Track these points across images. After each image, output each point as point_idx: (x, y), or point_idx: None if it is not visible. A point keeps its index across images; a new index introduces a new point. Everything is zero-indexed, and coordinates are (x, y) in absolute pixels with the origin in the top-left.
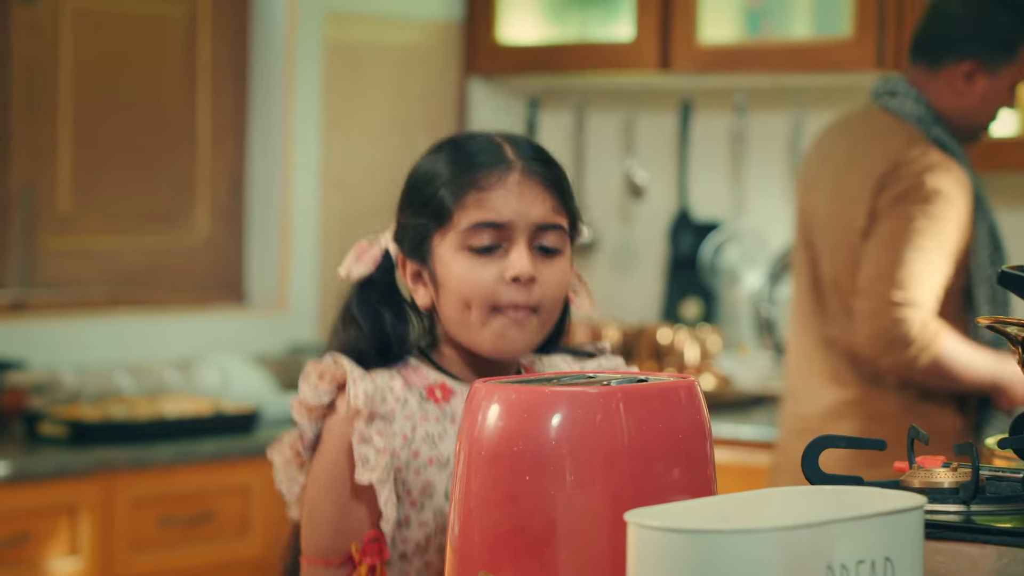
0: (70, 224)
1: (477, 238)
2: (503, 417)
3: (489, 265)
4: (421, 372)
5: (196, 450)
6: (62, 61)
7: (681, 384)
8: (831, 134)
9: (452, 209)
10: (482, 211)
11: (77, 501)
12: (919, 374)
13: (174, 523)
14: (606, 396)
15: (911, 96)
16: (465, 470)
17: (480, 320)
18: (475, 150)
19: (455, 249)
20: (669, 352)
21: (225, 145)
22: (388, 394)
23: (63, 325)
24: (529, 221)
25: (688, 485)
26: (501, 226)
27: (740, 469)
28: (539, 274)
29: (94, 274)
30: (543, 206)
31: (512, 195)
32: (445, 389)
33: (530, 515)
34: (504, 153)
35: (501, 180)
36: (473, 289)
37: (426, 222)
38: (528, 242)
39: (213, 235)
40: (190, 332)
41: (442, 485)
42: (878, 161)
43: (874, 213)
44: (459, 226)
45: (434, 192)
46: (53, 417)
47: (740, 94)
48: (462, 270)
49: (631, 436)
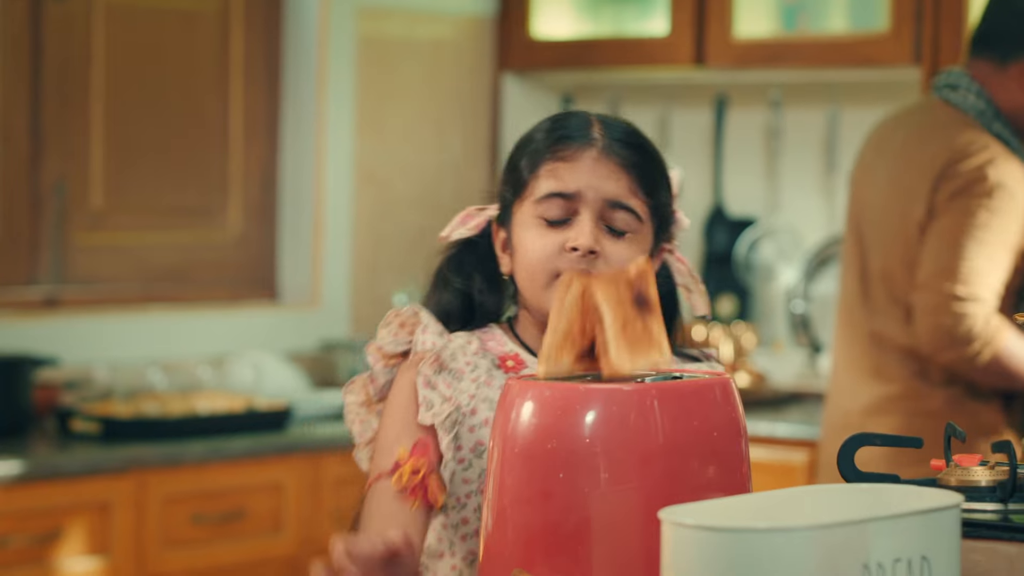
0: (102, 220)
1: (546, 207)
2: (537, 414)
3: (555, 235)
4: (499, 339)
5: (228, 447)
6: (94, 56)
7: (716, 381)
8: (888, 125)
9: (527, 178)
10: (553, 181)
11: (109, 498)
12: (978, 371)
13: (206, 521)
14: (640, 393)
15: (972, 90)
16: (499, 467)
17: (543, 285)
18: (565, 124)
19: (529, 217)
20: None
21: (257, 140)
22: (460, 354)
23: (95, 322)
24: (599, 196)
25: (723, 483)
26: (570, 196)
27: (775, 467)
28: (603, 249)
29: (126, 270)
30: (617, 184)
31: (585, 168)
32: (518, 360)
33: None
34: (590, 130)
35: (578, 153)
36: (537, 256)
37: (510, 189)
38: (596, 217)
39: (245, 231)
40: (222, 328)
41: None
42: (938, 153)
43: (933, 206)
44: (533, 195)
45: (518, 161)
46: (85, 414)
47: (775, 89)
48: (531, 238)
49: (665, 434)
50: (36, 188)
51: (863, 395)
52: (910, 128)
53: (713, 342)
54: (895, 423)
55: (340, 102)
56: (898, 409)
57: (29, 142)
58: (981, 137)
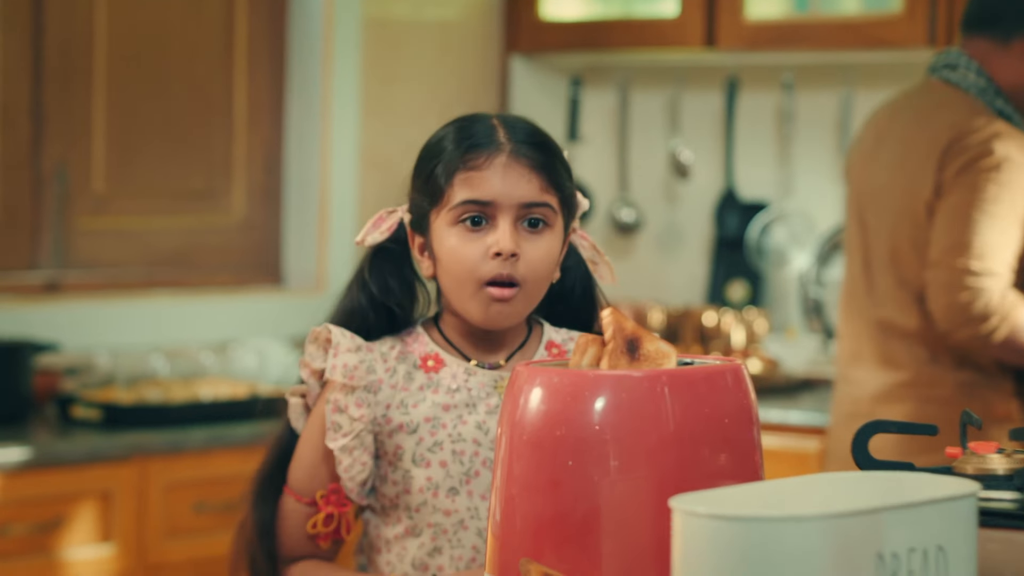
0: (104, 204)
1: (464, 214)
2: (545, 401)
3: (476, 241)
4: (422, 340)
5: (232, 434)
6: (96, 37)
7: (727, 368)
8: (887, 111)
9: (444, 187)
10: (468, 190)
11: (110, 486)
12: (995, 348)
13: (209, 509)
14: (651, 380)
15: (972, 69)
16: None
17: (469, 293)
18: (472, 132)
19: (448, 224)
20: (715, 335)
21: (262, 123)
22: (378, 364)
23: (97, 307)
24: (514, 201)
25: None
26: (486, 204)
27: (788, 455)
28: (522, 250)
29: (128, 255)
30: (529, 186)
31: (497, 176)
32: (437, 360)
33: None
34: (496, 136)
35: (489, 161)
36: (461, 263)
37: (425, 197)
38: (514, 220)
39: (250, 215)
40: (226, 314)
41: (410, 449)
42: (941, 131)
43: (940, 184)
44: (450, 203)
45: (432, 169)
46: (86, 400)
47: (787, 72)
48: (452, 245)
49: (676, 421)
50: (37, 171)
51: (872, 383)
52: (911, 110)
53: (726, 328)
54: (906, 410)
55: (346, 84)
56: (908, 396)
57: (30, 124)
58: (984, 113)
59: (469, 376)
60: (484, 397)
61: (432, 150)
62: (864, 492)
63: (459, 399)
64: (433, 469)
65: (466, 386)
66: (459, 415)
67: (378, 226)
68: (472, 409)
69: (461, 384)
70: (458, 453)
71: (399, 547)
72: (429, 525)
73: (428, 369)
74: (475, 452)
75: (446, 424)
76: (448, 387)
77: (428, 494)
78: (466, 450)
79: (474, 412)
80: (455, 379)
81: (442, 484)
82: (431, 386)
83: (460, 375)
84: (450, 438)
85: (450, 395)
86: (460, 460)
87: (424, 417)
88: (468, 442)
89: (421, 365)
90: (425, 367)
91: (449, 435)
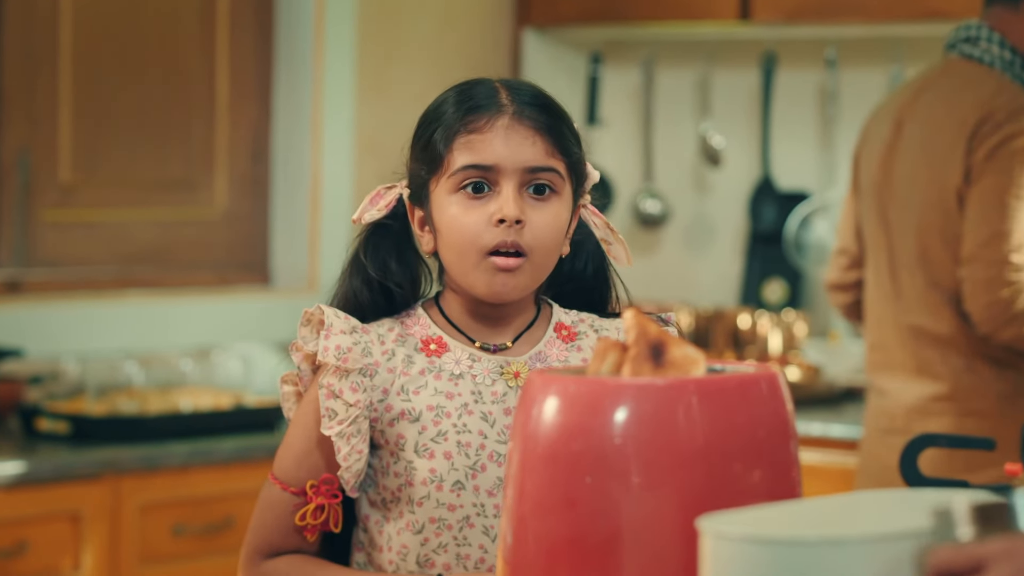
0: (72, 195)
1: (465, 180)
2: (561, 412)
3: (478, 208)
4: (423, 322)
5: (214, 449)
6: (62, 12)
7: (762, 375)
8: (902, 97)
9: (443, 153)
10: (469, 154)
11: (79, 507)
12: None
13: (189, 532)
14: (677, 388)
15: (995, 41)
16: (518, 471)
17: (472, 264)
18: (472, 95)
19: (448, 193)
20: (749, 340)
21: (246, 104)
22: (374, 347)
23: (64, 308)
24: (517, 165)
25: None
26: (487, 168)
27: (829, 471)
28: (528, 217)
29: (98, 251)
30: (533, 149)
31: (499, 139)
32: (440, 343)
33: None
34: (498, 98)
35: (490, 124)
36: (463, 231)
37: (424, 165)
38: (518, 186)
39: (233, 207)
40: (208, 316)
41: (412, 439)
42: (968, 111)
43: (970, 170)
44: (450, 169)
45: (431, 135)
46: (52, 412)
47: (830, 47)
48: (453, 213)
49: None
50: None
51: (906, 395)
52: (932, 93)
53: (762, 331)
54: (944, 425)
55: (339, 62)
56: (946, 410)
57: None
58: (1011, 88)
59: (474, 362)
60: (490, 384)
61: (431, 115)
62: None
63: (463, 387)
64: (437, 460)
65: (470, 372)
66: (464, 404)
67: (375, 202)
68: (478, 398)
69: (465, 370)
70: (463, 445)
71: (400, 544)
72: (432, 520)
73: (430, 353)
74: (481, 444)
75: (450, 413)
76: (451, 372)
77: (432, 487)
78: (472, 442)
79: (480, 401)
80: (459, 364)
81: (447, 477)
82: (433, 371)
83: (464, 360)
84: (455, 428)
85: (453, 382)
86: (466, 452)
87: (427, 405)
88: (474, 433)
89: (422, 348)
90: (427, 350)
91: (454, 425)
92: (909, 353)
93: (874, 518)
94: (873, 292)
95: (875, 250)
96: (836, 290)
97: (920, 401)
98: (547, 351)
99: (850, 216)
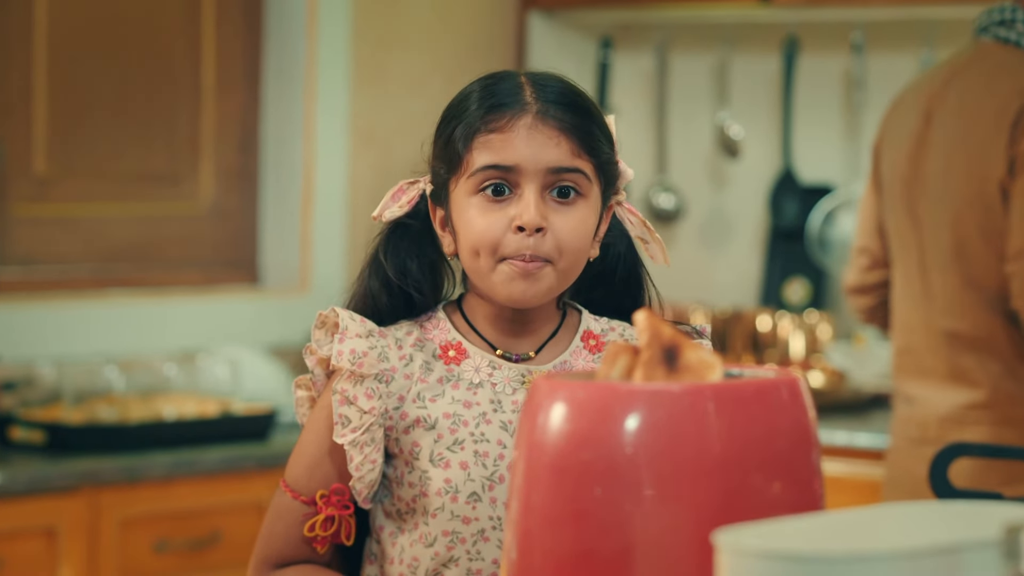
0: (47, 188)
1: (484, 182)
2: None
3: (498, 212)
4: (443, 326)
5: (200, 460)
6: None
7: (783, 381)
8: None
9: (462, 152)
10: (489, 154)
11: (55, 522)
12: None
13: (172, 548)
14: (693, 395)
15: None
16: (524, 482)
17: (489, 267)
18: (495, 91)
19: (467, 194)
20: (770, 343)
21: (234, 93)
22: (392, 351)
23: (39, 310)
24: (540, 166)
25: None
26: (508, 169)
27: (855, 483)
28: (550, 223)
29: (76, 248)
30: (557, 150)
31: (521, 138)
32: (459, 349)
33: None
34: (521, 95)
35: (512, 123)
36: (480, 236)
37: (444, 164)
38: (541, 189)
39: (220, 201)
40: (193, 318)
41: (427, 448)
42: (1010, 98)
43: (1014, 160)
44: (469, 169)
45: (451, 132)
46: (27, 421)
47: (856, 30)
48: (471, 216)
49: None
50: None
51: (939, 403)
52: (965, 80)
53: (783, 334)
54: (980, 435)
55: (333, 46)
56: (983, 419)
57: None
58: None
59: (494, 370)
60: (510, 394)
61: (453, 111)
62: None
63: (482, 395)
64: (453, 470)
65: (490, 381)
66: (482, 412)
67: (397, 199)
68: (497, 407)
69: (485, 379)
70: (481, 455)
71: (411, 556)
72: (445, 533)
73: (449, 360)
74: (500, 455)
75: (467, 422)
76: (470, 381)
77: (447, 498)
78: (490, 452)
79: (499, 410)
80: (478, 373)
81: (462, 488)
82: (451, 379)
83: (484, 368)
84: (472, 437)
85: (472, 391)
86: (483, 463)
87: (443, 413)
88: (492, 443)
89: (441, 355)
90: (445, 357)
91: (471, 434)
92: (941, 358)
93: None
94: (901, 293)
95: (903, 249)
96: (857, 293)
97: (954, 409)
98: (573, 361)
99: (870, 213)
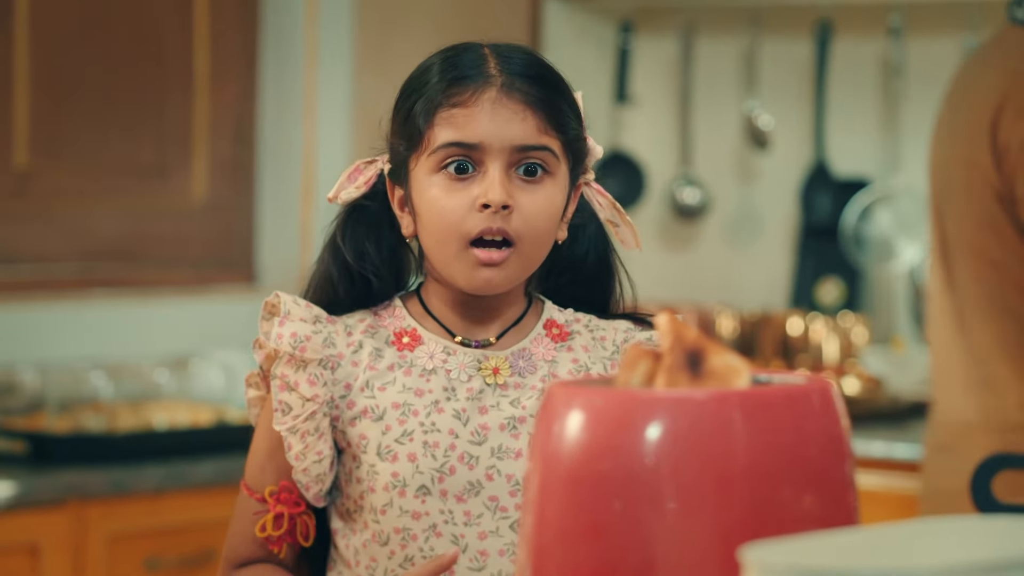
0: (29, 183)
1: (447, 159)
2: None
3: (461, 191)
4: (398, 314)
5: (192, 472)
6: None
7: (814, 387)
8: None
9: (423, 128)
10: (451, 130)
11: (39, 538)
12: None
13: (163, 565)
14: (718, 402)
15: None
16: (538, 495)
17: (453, 253)
18: (457, 63)
19: (428, 172)
20: (801, 347)
21: (229, 80)
22: (339, 338)
23: (20, 312)
24: (505, 143)
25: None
26: (471, 147)
27: (892, 497)
28: (516, 201)
29: (60, 246)
30: (523, 126)
31: (484, 114)
32: (414, 336)
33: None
34: (485, 67)
35: (475, 97)
36: (443, 216)
37: (403, 140)
38: (505, 167)
39: (213, 196)
40: (185, 321)
41: (375, 440)
42: (997, 77)
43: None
44: (430, 147)
45: (410, 108)
46: (8, 430)
47: (894, 12)
48: (434, 195)
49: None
50: None
51: (970, 409)
52: (971, 63)
53: (815, 338)
54: (1004, 443)
55: (335, 31)
56: (1007, 425)
57: None
58: None
59: (448, 356)
60: (465, 381)
61: (413, 84)
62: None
63: (435, 383)
64: (400, 463)
65: (444, 367)
66: (434, 400)
67: (353, 179)
68: (451, 394)
69: (438, 365)
70: (431, 445)
71: (368, 558)
72: (396, 531)
73: (402, 347)
74: (451, 445)
75: (418, 411)
76: (423, 368)
77: (394, 493)
78: (440, 442)
79: (453, 398)
80: (432, 359)
81: (410, 482)
82: (403, 366)
83: (438, 354)
84: (422, 428)
85: (425, 377)
86: (433, 454)
87: (393, 403)
88: (443, 433)
89: (394, 342)
90: (399, 344)
91: (421, 424)
92: (965, 362)
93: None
94: (935, 292)
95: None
96: None
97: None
98: (533, 348)
99: None
